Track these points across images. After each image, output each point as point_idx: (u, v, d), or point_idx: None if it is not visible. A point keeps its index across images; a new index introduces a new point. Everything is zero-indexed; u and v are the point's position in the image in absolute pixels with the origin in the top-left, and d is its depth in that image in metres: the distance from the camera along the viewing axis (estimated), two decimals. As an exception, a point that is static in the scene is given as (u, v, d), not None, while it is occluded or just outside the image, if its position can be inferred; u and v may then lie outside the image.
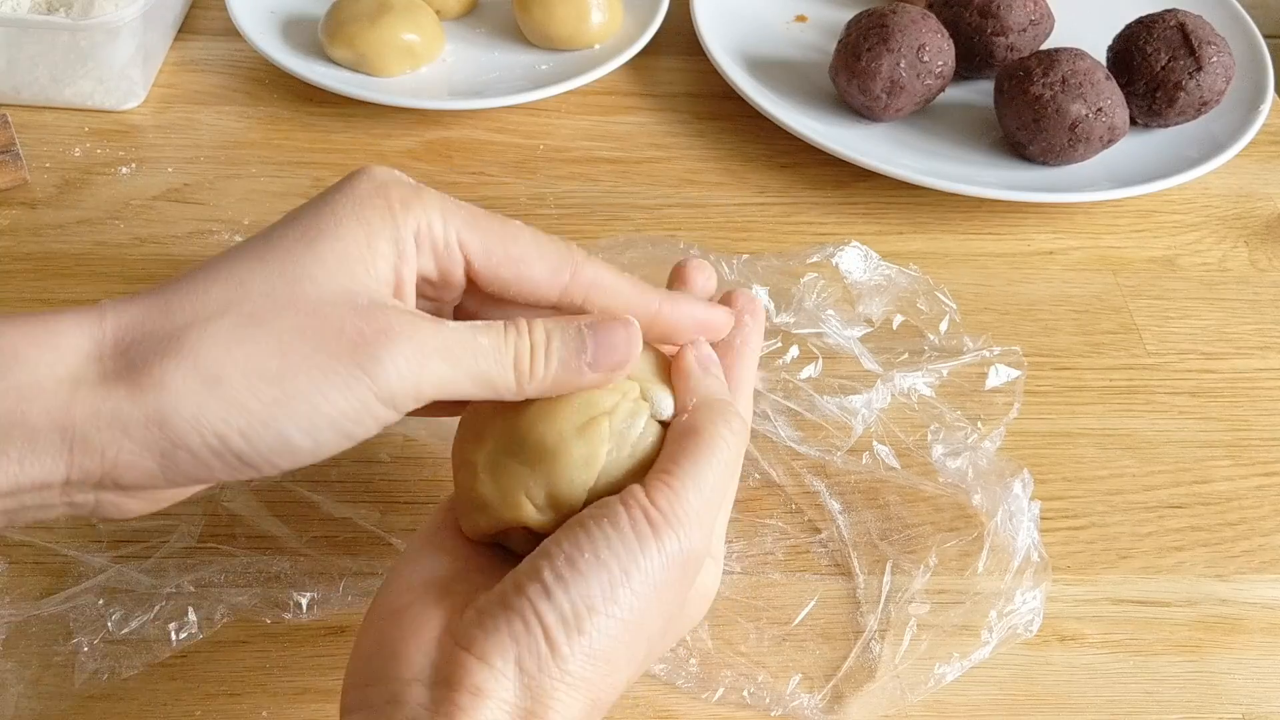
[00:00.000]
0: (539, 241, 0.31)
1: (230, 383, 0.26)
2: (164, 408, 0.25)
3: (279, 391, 0.26)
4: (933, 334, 0.51)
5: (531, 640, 0.27)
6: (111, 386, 0.25)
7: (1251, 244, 0.60)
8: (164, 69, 0.64)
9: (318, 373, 0.26)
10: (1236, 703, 0.41)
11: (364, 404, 0.27)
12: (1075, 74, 0.57)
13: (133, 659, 0.39)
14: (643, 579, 0.28)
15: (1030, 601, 0.42)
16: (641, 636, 0.29)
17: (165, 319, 0.26)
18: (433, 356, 0.28)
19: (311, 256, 0.27)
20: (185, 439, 0.26)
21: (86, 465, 0.25)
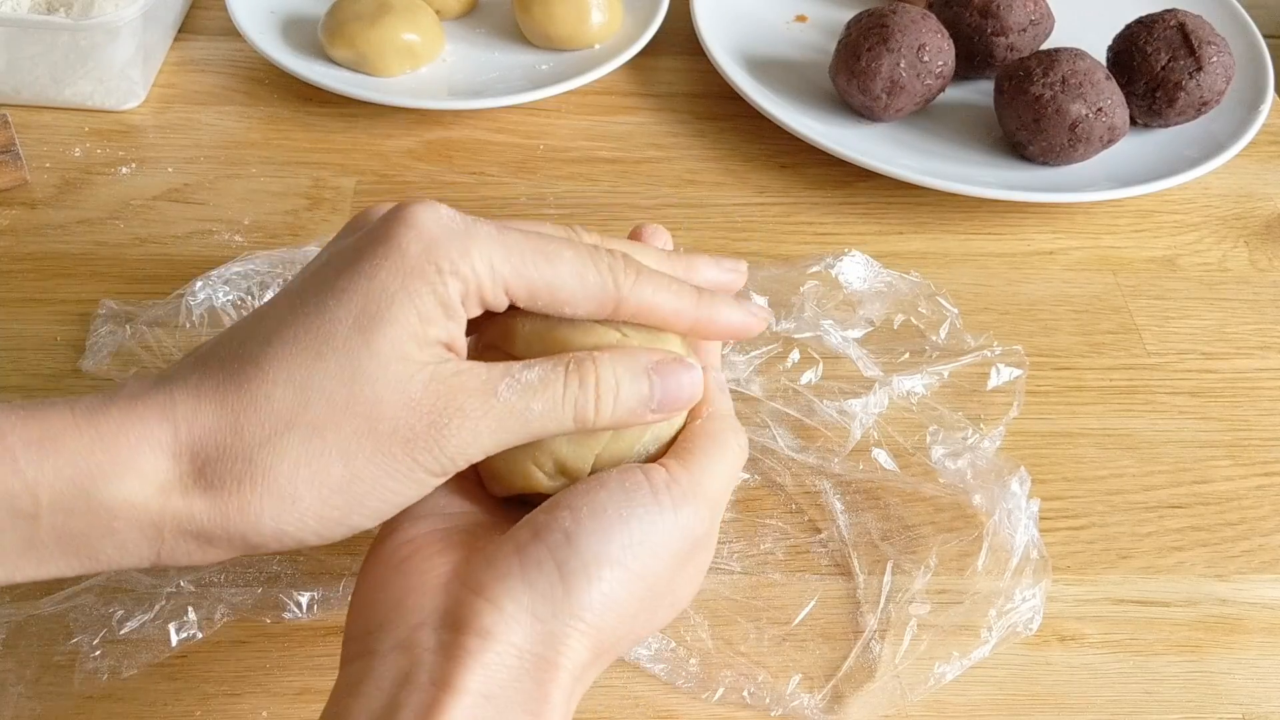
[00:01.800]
0: (583, 277, 0.31)
1: (303, 501, 0.28)
2: (247, 529, 0.28)
3: (347, 498, 0.28)
4: (934, 335, 0.51)
5: (547, 586, 0.28)
6: (196, 504, 0.28)
7: (1251, 244, 0.60)
8: (164, 69, 0.64)
9: (381, 474, 0.28)
10: (1236, 703, 0.41)
11: (421, 485, 0.29)
12: (1075, 74, 0.57)
13: (133, 659, 0.39)
14: (661, 542, 0.30)
15: (1030, 599, 0.42)
16: (651, 596, 0.30)
17: (237, 437, 0.28)
18: (485, 434, 0.29)
19: (367, 352, 0.28)
20: (265, 545, 0.28)
21: (170, 551, 0.28)
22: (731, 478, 0.33)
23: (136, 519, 0.27)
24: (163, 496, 0.27)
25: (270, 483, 0.28)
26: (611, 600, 0.29)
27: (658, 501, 0.30)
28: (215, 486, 0.28)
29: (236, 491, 0.28)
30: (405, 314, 0.28)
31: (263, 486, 0.28)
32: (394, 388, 0.28)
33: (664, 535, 0.30)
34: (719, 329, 0.34)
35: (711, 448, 0.32)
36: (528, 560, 0.29)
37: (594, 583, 0.28)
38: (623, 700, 0.40)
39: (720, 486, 0.32)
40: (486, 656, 0.27)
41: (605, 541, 0.29)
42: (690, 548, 0.31)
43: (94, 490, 0.27)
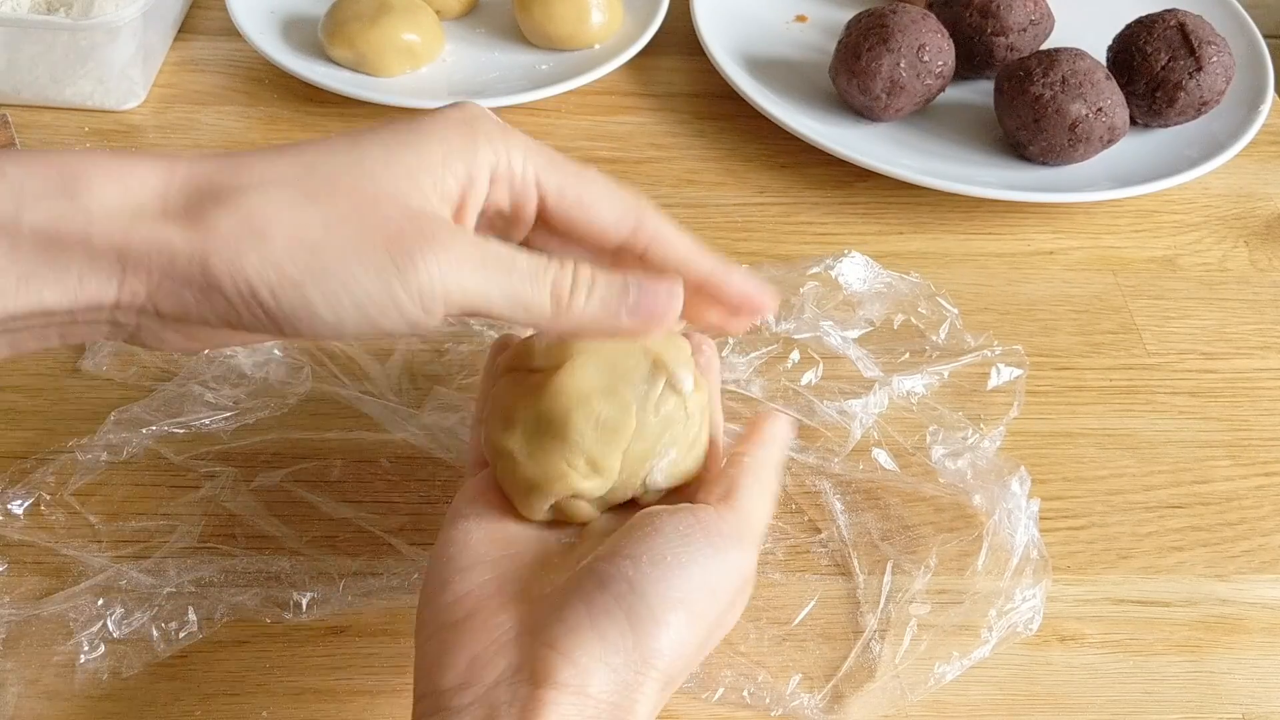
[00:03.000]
0: (611, 189, 0.32)
1: (271, 241, 0.27)
2: (207, 248, 0.27)
3: (313, 260, 0.27)
4: (934, 335, 0.51)
5: (618, 636, 0.29)
6: (168, 222, 0.27)
7: (1251, 244, 0.60)
8: (164, 69, 0.64)
9: (352, 254, 0.28)
10: (1236, 703, 0.41)
11: (390, 294, 0.28)
12: (1075, 74, 0.57)
13: (133, 659, 0.39)
14: (719, 583, 0.31)
15: (1030, 599, 0.42)
16: (708, 634, 0.31)
17: (232, 176, 0.28)
18: (467, 265, 0.28)
19: (384, 160, 0.29)
20: (219, 281, 0.27)
21: (135, 288, 0.27)
22: (768, 519, 0.34)
23: (108, 228, 0.27)
24: (137, 214, 0.27)
25: (246, 214, 0.27)
26: (678, 643, 0.30)
27: (712, 545, 0.31)
28: (192, 211, 0.27)
29: (212, 213, 0.27)
30: (431, 149, 0.29)
31: (238, 216, 0.27)
32: (395, 194, 0.29)
33: (721, 577, 0.31)
34: (729, 293, 0.34)
35: (755, 487, 0.34)
36: (596, 611, 0.29)
37: (662, 629, 0.29)
38: (623, 700, 0.40)
39: (762, 526, 0.34)
40: (564, 709, 0.28)
41: (669, 588, 0.30)
42: (741, 584, 0.32)
43: (78, 194, 0.27)
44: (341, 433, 0.46)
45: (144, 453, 0.44)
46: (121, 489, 0.44)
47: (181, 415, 0.45)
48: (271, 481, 0.44)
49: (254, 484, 0.44)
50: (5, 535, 0.42)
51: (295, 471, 0.44)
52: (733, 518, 0.32)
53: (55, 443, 0.44)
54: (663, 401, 0.34)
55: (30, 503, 0.42)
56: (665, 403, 0.34)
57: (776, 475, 0.35)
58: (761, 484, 0.34)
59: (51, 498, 0.43)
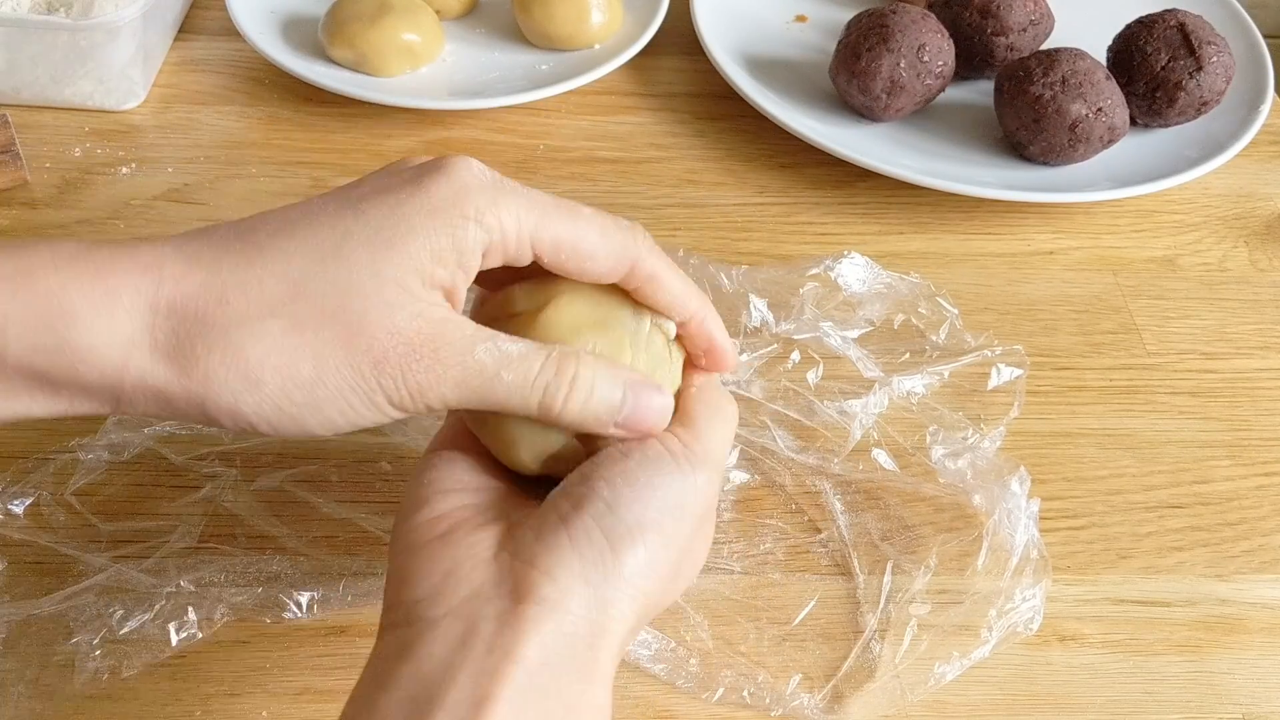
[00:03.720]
0: (606, 234, 0.32)
1: (265, 386, 0.28)
2: (206, 397, 0.28)
3: (307, 398, 0.29)
4: (934, 335, 0.51)
5: (597, 555, 0.29)
6: (161, 363, 0.28)
7: (1251, 244, 0.60)
8: (164, 69, 0.64)
9: (345, 387, 0.29)
10: (1236, 703, 0.41)
11: (378, 411, 0.30)
12: (1075, 74, 0.57)
13: (133, 659, 0.39)
14: (688, 504, 0.31)
15: (1030, 599, 0.42)
16: (680, 557, 0.31)
17: (220, 309, 0.28)
18: (448, 383, 0.30)
19: (370, 271, 0.29)
20: (218, 419, 0.29)
21: (130, 409, 0.29)
22: (729, 441, 0.34)
23: (100, 366, 0.28)
24: (127, 351, 0.28)
25: (239, 361, 0.28)
26: (653, 563, 0.30)
27: (679, 467, 0.31)
28: (184, 352, 0.28)
29: (205, 359, 0.28)
30: (419, 247, 0.29)
31: (231, 362, 0.28)
32: (382, 311, 0.29)
33: (689, 498, 0.31)
34: (708, 338, 0.35)
35: (712, 415, 0.34)
36: (575, 530, 0.30)
37: (638, 547, 0.30)
38: (623, 700, 0.40)
39: (723, 451, 0.34)
40: (545, 625, 0.28)
41: (644, 507, 0.30)
42: (705, 510, 0.32)
43: (64, 331, 0.27)
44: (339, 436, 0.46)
45: (144, 453, 0.44)
46: (122, 489, 0.44)
47: (181, 415, 0.45)
48: (272, 482, 0.44)
49: (254, 484, 0.44)
50: (5, 535, 0.42)
51: (296, 473, 0.44)
52: (695, 441, 0.32)
53: (55, 443, 0.44)
54: (651, 340, 0.34)
55: (30, 502, 0.42)
56: (654, 341, 0.34)
57: (727, 397, 0.35)
58: (713, 408, 0.34)
59: (52, 498, 0.43)
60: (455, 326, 0.30)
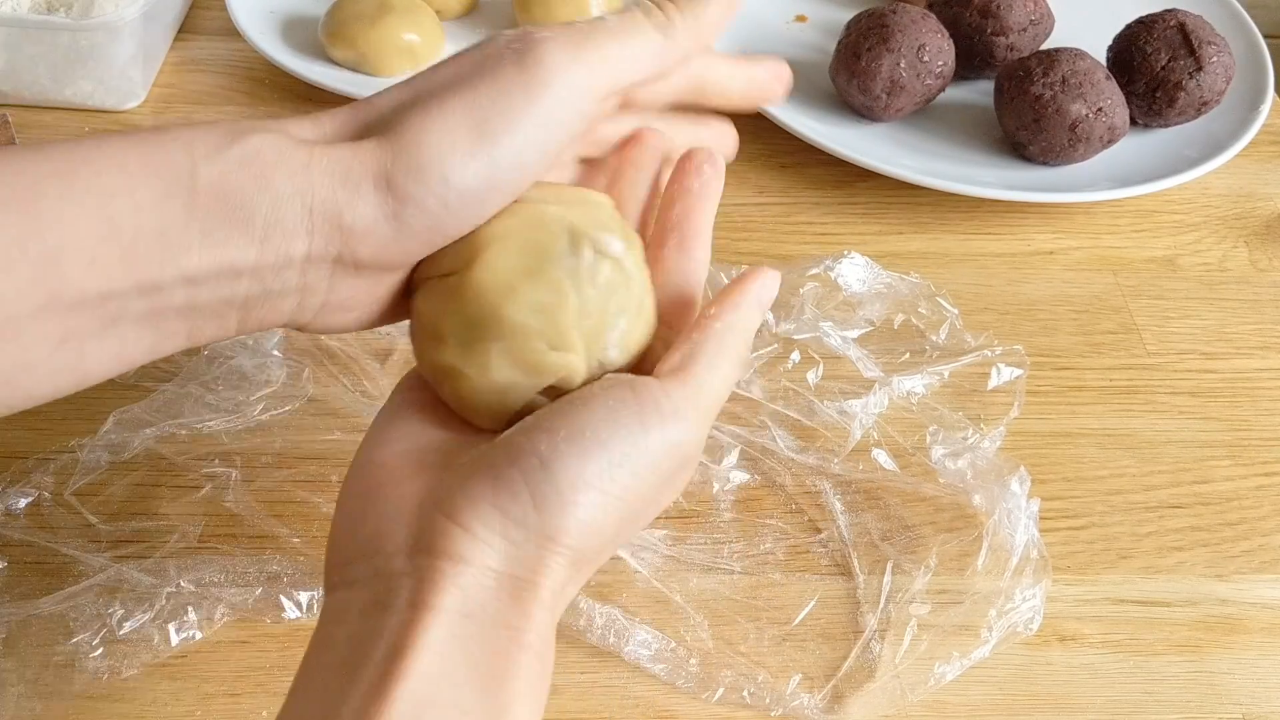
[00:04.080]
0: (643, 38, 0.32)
1: (433, 131, 0.29)
2: (390, 166, 0.28)
3: (474, 119, 0.29)
4: (934, 335, 0.51)
5: (520, 513, 0.28)
6: (341, 152, 0.28)
7: (1251, 244, 0.60)
8: (164, 69, 0.64)
9: (498, 91, 0.29)
10: (1236, 703, 0.41)
11: (545, 104, 0.30)
12: (1075, 74, 0.57)
13: (133, 659, 0.39)
14: (646, 462, 0.29)
15: (1030, 599, 0.42)
16: (630, 514, 0.29)
17: (372, 111, 0.30)
18: (580, 45, 0.30)
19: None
20: (411, 190, 0.29)
21: (324, 226, 0.28)
22: (727, 390, 0.32)
23: (287, 161, 0.28)
24: (309, 145, 0.28)
25: (404, 125, 0.29)
26: (589, 524, 0.28)
27: (642, 422, 0.29)
28: (357, 139, 0.29)
29: (376, 138, 0.29)
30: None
31: (398, 129, 0.29)
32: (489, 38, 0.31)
33: (648, 455, 0.29)
34: (745, 77, 0.36)
35: (716, 357, 0.31)
36: (501, 486, 0.28)
37: (569, 508, 0.28)
38: (623, 700, 0.40)
39: (716, 400, 0.31)
40: (462, 579, 0.27)
41: (581, 467, 0.28)
42: (677, 466, 0.30)
43: (245, 141, 0.27)
44: (343, 435, 0.46)
45: (144, 453, 0.44)
46: (122, 489, 0.44)
47: (182, 416, 0.45)
48: (272, 482, 0.44)
49: (254, 484, 0.44)
50: (5, 535, 0.42)
51: (296, 472, 0.44)
52: (679, 391, 0.30)
53: (56, 443, 0.44)
54: (596, 270, 0.31)
55: (30, 502, 0.43)
56: (599, 271, 0.31)
57: (745, 342, 0.32)
58: (724, 352, 0.31)
59: (52, 498, 0.43)
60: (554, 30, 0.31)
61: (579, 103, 0.30)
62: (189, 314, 0.28)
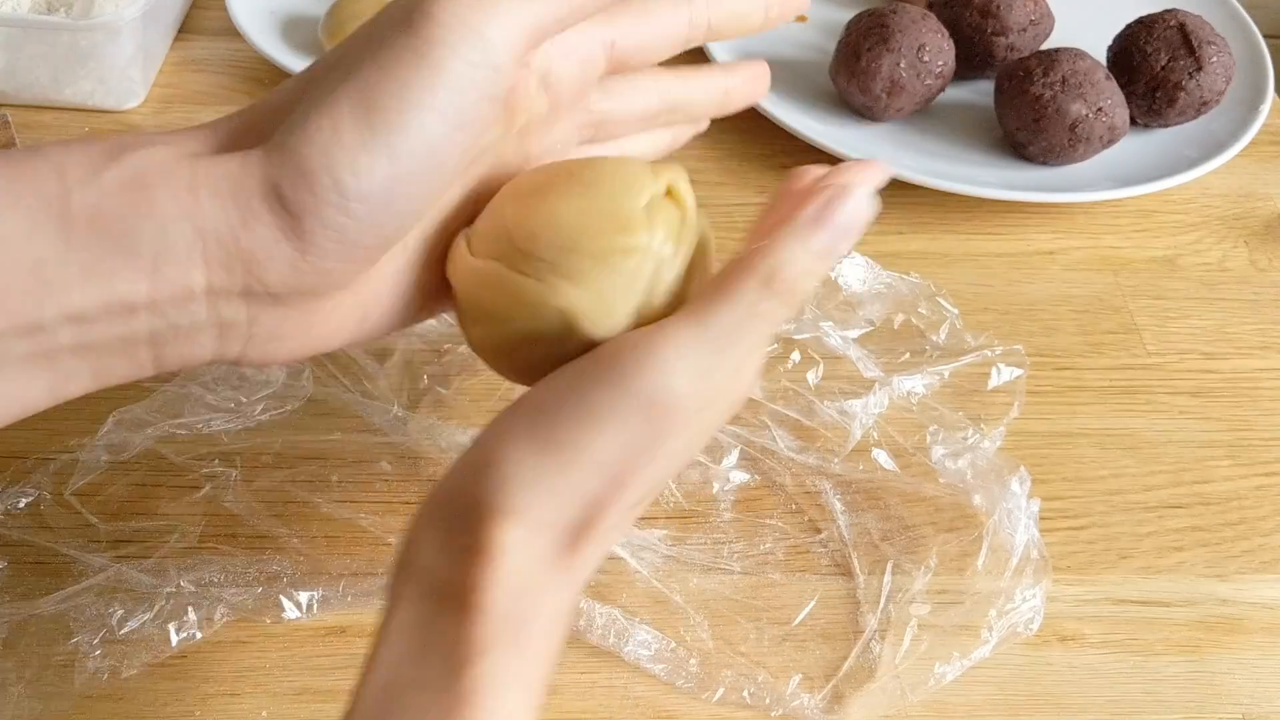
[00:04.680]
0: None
1: (315, 126, 0.24)
2: (275, 175, 0.24)
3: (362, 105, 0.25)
4: (934, 335, 0.51)
5: (449, 491, 0.27)
6: (229, 162, 0.25)
7: (1251, 244, 0.60)
8: (164, 69, 0.64)
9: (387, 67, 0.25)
10: (1236, 703, 0.41)
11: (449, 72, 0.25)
12: (1075, 74, 0.57)
13: (133, 659, 0.39)
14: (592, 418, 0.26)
15: (1030, 599, 0.42)
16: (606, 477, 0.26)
17: (258, 112, 0.26)
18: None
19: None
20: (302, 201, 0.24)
21: (220, 255, 0.24)
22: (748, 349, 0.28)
23: (170, 181, 0.24)
24: (193, 159, 0.24)
25: (287, 124, 0.25)
26: (528, 485, 0.26)
27: (595, 375, 0.26)
28: (242, 147, 0.25)
29: (260, 143, 0.25)
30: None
31: (281, 129, 0.25)
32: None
33: (598, 409, 0.26)
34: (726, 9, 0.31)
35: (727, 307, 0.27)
36: (448, 474, 0.27)
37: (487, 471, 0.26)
38: (623, 700, 0.40)
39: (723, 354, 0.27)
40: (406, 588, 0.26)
41: (504, 425, 0.26)
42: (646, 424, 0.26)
43: (122, 159, 0.24)
44: (343, 435, 0.46)
45: (144, 453, 0.44)
46: (122, 489, 0.44)
47: (182, 416, 0.45)
48: (272, 482, 0.44)
49: (254, 484, 0.44)
50: (5, 535, 0.42)
51: (296, 472, 0.44)
52: (654, 338, 0.26)
53: (55, 443, 0.44)
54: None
55: (30, 502, 0.42)
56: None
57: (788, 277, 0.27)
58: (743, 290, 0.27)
59: (51, 498, 0.43)
60: None
61: (491, 59, 0.25)
62: (86, 353, 0.25)
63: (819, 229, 0.29)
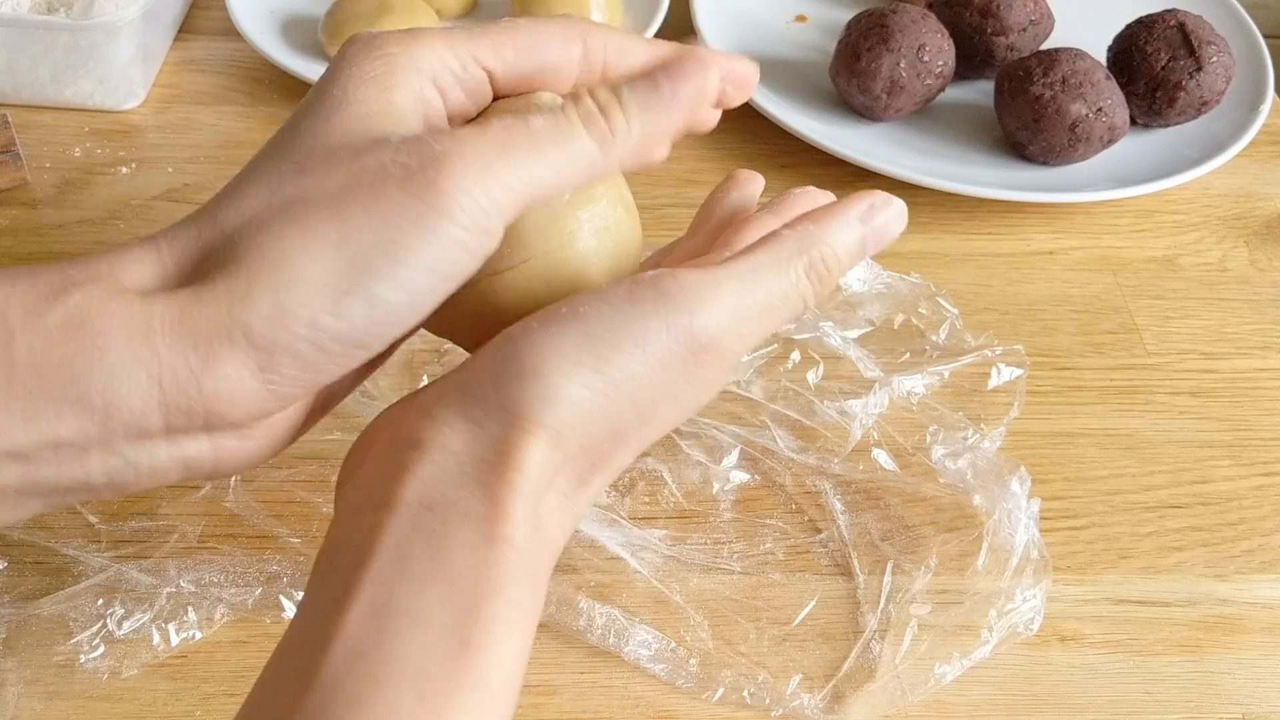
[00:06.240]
0: (540, 24, 0.29)
1: (295, 265, 0.24)
2: (246, 314, 0.23)
3: (349, 253, 0.24)
4: (934, 335, 0.51)
5: (480, 390, 0.26)
6: (182, 301, 0.23)
7: (1251, 244, 0.60)
8: (164, 69, 0.64)
9: (381, 221, 0.24)
10: (1236, 703, 0.41)
11: (444, 236, 0.25)
12: (1075, 74, 0.57)
13: (133, 659, 0.39)
14: (635, 341, 0.26)
15: (1030, 599, 0.42)
16: (633, 400, 0.26)
17: (216, 230, 0.25)
18: (490, 161, 0.25)
19: (333, 126, 0.26)
20: (274, 339, 0.24)
21: (181, 401, 0.23)
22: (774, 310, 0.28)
23: (122, 325, 0.23)
24: (147, 300, 0.23)
25: (258, 254, 0.24)
26: (562, 399, 0.25)
27: (634, 299, 0.26)
28: (202, 277, 0.24)
29: (222, 273, 0.24)
30: (369, 95, 0.26)
31: (250, 259, 0.24)
32: (371, 142, 0.25)
33: (642, 333, 0.26)
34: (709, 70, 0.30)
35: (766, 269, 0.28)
36: (467, 368, 0.26)
37: (529, 379, 0.25)
38: (623, 700, 0.40)
39: (754, 305, 0.27)
40: (422, 467, 0.25)
41: (549, 339, 0.26)
42: (687, 352, 0.26)
43: (67, 299, 0.23)
44: (343, 435, 0.46)
45: (144, 453, 0.44)
46: (121, 489, 0.44)
47: (181, 415, 0.45)
48: (272, 482, 0.44)
49: (254, 484, 0.44)
50: (5, 535, 0.42)
51: (296, 472, 0.44)
52: (694, 276, 0.27)
53: (55, 443, 0.44)
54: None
55: (30, 503, 0.42)
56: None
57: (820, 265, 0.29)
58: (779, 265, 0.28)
59: (51, 498, 0.43)
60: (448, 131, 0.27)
61: (486, 224, 0.25)
62: (34, 492, 0.24)
63: (866, 224, 0.30)
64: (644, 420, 0.27)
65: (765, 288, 0.28)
